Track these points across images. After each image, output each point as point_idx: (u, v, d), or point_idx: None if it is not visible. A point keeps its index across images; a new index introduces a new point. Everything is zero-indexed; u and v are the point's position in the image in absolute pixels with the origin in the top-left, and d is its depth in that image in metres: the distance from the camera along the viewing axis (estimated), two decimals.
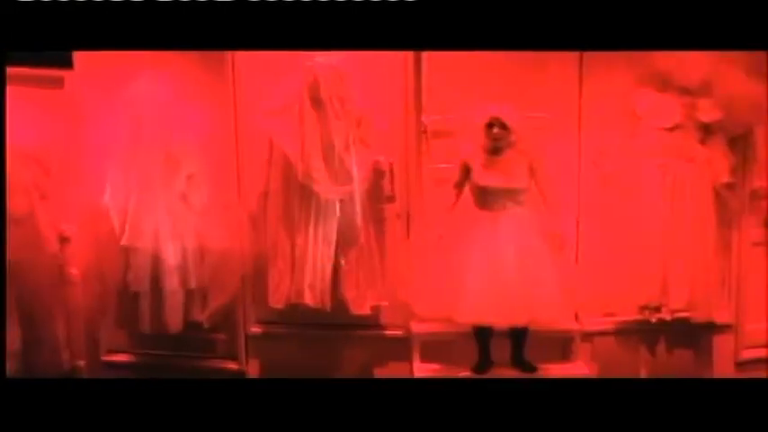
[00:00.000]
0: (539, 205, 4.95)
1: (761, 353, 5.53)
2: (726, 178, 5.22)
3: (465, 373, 5.05)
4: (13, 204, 5.28)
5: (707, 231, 5.23)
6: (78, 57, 5.50)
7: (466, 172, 4.94)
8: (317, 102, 5.06)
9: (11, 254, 5.18)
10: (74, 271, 5.77)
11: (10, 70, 5.06)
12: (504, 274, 4.74)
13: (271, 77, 5.26)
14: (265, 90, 5.28)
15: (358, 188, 5.14)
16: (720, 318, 5.48)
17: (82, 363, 5.92)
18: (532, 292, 4.74)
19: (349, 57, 5.02)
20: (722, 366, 5.55)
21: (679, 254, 5.18)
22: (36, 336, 5.66)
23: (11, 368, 5.17)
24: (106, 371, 5.84)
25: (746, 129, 5.21)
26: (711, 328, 5.47)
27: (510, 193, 4.85)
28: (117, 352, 5.85)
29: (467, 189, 4.98)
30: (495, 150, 4.87)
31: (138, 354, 5.82)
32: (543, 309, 4.79)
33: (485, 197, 4.88)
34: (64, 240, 5.74)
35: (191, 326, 5.53)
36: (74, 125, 5.61)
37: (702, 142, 5.20)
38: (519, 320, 4.84)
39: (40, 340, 5.70)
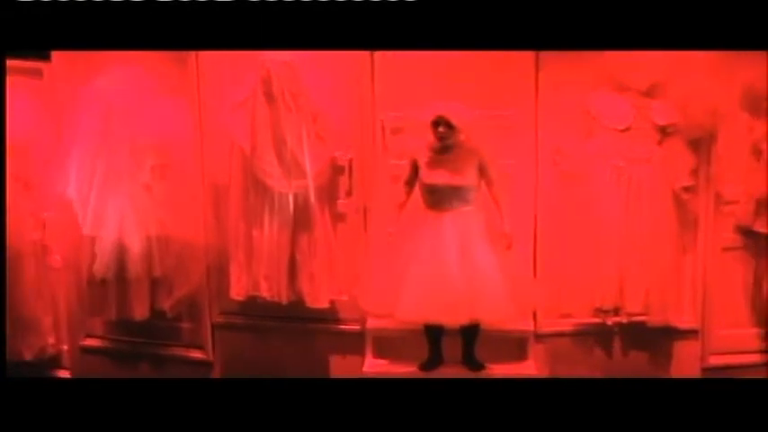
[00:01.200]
0: (488, 204, 4.93)
1: (730, 359, 5.41)
2: (684, 181, 5.13)
3: (412, 370, 5.07)
4: None
5: (666, 234, 5.15)
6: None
7: (415, 170, 4.95)
8: (269, 96, 5.12)
9: None
10: (56, 258, 5.94)
11: None
12: (447, 273, 4.74)
13: (232, 73, 5.35)
14: (227, 85, 5.37)
15: (313, 183, 5.17)
16: (684, 322, 5.39)
17: (65, 347, 6.10)
18: (475, 292, 4.73)
19: (304, 53, 5.05)
20: (687, 372, 5.42)
21: (636, 256, 5.11)
22: (21, 321, 5.82)
23: None
24: (82, 355, 6.02)
25: (704, 132, 5.09)
26: (672, 333, 5.37)
27: (456, 192, 4.84)
28: (92, 337, 6.02)
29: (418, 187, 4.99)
30: (442, 149, 4.86)
31: (112, 340, 5.99)
32: (487, 308, 4.76)
33: (432, 195, 4.88)
34: (46, 228, 5.90)
35: (158, 314, 5.68)
36: (53, 116, 5.78)
37: (660, 144, 5.11)
38: (460, 319, 4.82)
39: (26, 325, 5.86)
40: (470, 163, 4.87)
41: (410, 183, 4.99)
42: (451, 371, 5.05)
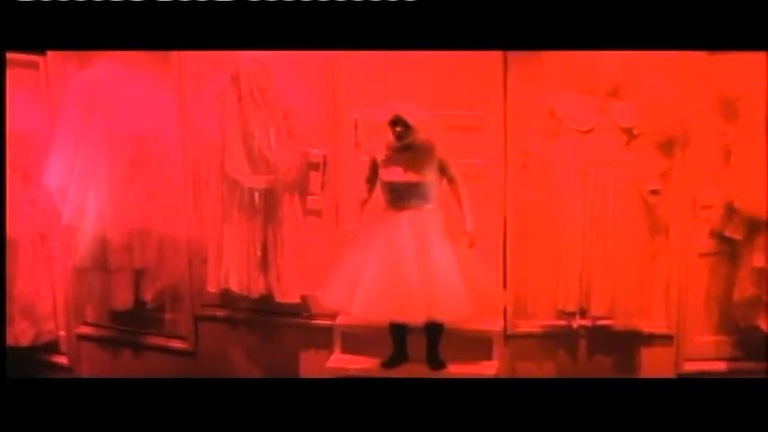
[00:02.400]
0: (450, 203, 4.93)
1: (706, 365, 5.30)
2: (652, 184, 5.05)
3: (375, 367, 5.12)
4: None
5: (633, 238, 5.09)
6: None
7: (375, 168, 4.98)
8: (239, 93, 5.22)
9: None
10: (54, 245, 6.12)
11: None
12: (402, 272, 4.77)
13: (212, 69, 5.45)
14: (207, 81, 5.47)
15: (282, 179, 5.27)
16: (655, 328, 5.33)
17: (62, 333, 6.29)
18: (431, 291, 4.75)
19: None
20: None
21: (601, 259, 5.07)
22: (20, 308, 6.03)
23: None
24: (78, 342, 6.22)
25: (668, 135, 4.99)
26: (643, 338, 5.31)
27: (414, 189, 4.84)
28: (87, 324, 6.21)
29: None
30: (401, 147, 4.87)
31: (104, 327, 6.17)
32: (443, 307, 4.78)
33: (391, 193, 4.91)
34: (44, 216, 6.09)
35: (144, 304, 5.85)
36: (49, 107, 5.96)
37: (628, 146, 5.05)
38: (416, 318, 4.84)
39: (24, 312, 6.06)
40: (429, 161, 4.86)
41: (371, 181, 5.02)
42: (414, 369, 5.09)
